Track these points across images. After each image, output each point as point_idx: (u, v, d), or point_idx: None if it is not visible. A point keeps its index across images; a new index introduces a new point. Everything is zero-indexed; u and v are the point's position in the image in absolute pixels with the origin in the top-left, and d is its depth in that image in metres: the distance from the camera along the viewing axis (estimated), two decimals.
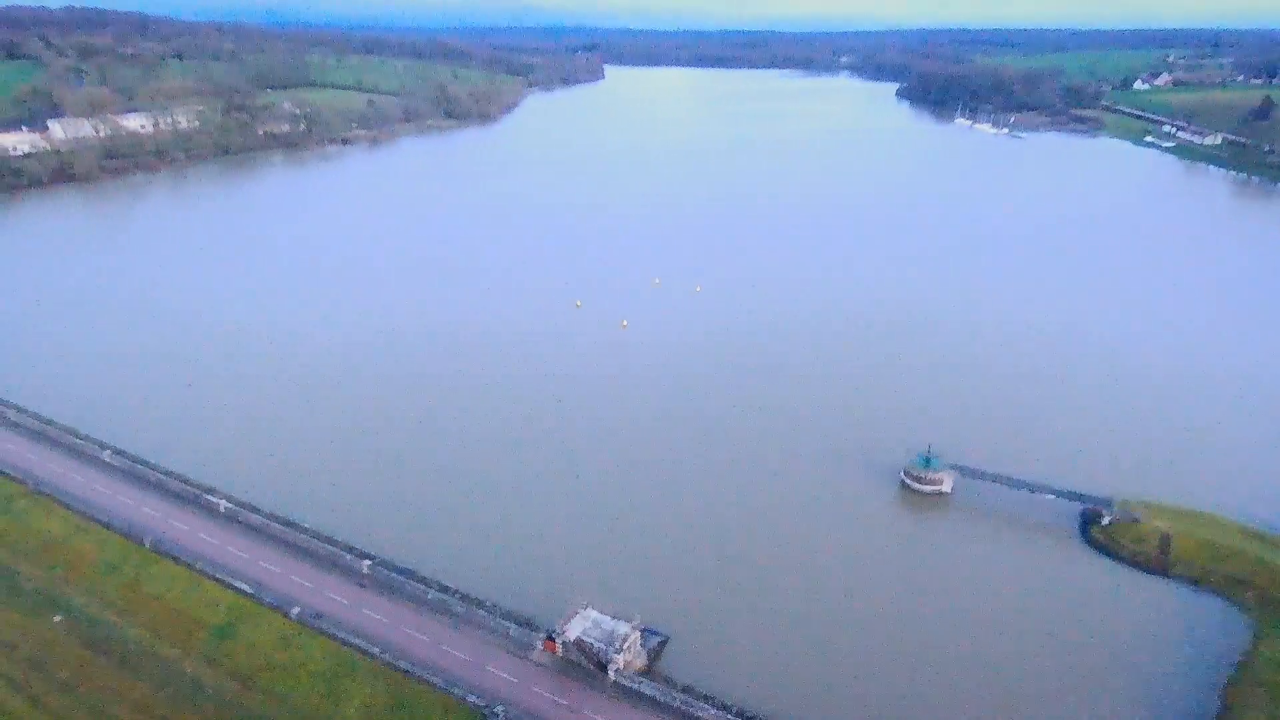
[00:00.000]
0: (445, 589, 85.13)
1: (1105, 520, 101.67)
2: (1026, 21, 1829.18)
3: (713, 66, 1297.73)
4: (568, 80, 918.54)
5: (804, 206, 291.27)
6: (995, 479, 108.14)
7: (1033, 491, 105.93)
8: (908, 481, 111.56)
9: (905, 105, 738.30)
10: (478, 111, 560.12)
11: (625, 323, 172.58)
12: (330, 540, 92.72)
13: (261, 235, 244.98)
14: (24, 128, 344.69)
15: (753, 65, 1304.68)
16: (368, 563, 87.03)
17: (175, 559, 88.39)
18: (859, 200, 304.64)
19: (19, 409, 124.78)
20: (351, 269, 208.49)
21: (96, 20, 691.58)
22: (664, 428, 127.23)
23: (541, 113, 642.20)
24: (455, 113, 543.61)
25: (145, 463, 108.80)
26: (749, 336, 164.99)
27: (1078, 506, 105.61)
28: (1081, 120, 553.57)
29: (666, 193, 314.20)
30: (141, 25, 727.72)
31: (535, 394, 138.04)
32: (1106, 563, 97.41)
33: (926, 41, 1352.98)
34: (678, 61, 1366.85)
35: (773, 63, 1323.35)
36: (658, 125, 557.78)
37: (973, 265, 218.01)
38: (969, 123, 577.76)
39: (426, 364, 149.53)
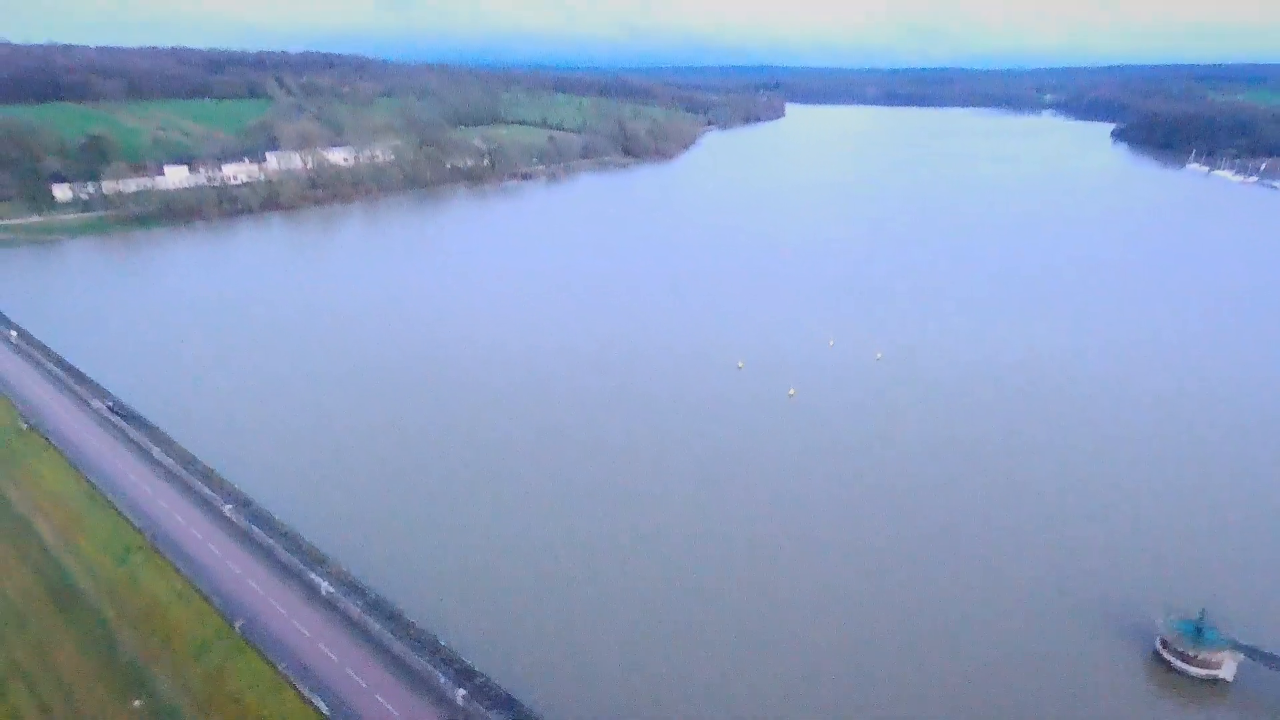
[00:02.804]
0: None
1: None
2: (1276, 55, 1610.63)
3: (901, 104, 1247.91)
4: (748, 118, 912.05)
5: (1007, 260, 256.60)
6: None
7: None
8: (1167, 657, 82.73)
9: (1123, 148, 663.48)
10: (655, 148, 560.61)
11: (793, 391, 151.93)
12: (432, 646, 79.73)
13: (432, 270, 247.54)
14: (246, 159, 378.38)
15: (944, 103, 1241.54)
16: (463, 692, 72.61)
17: (262, 653, 78.50)
18: (1078, 255, 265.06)
19: (169, 442, 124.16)
20: (508, 317, 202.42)
21: (324, 63, 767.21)
22: (833, 539, 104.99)
23: (718, 150, 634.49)
24: (633, 149, 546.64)
25: (263, 518, 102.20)
26: (940, 424, 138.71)
27: None
28: None
29: (843, 238, 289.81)
30: (361, 66, 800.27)
31: (689, 479, 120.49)
32: None
33: (1147, 78, 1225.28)
34: (863, 99, 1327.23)
35: (967, 100, 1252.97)
36: (835, 164, 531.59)
37: (1262, 355, 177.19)
38: (1205, 169, 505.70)
39: (574, 437, 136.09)
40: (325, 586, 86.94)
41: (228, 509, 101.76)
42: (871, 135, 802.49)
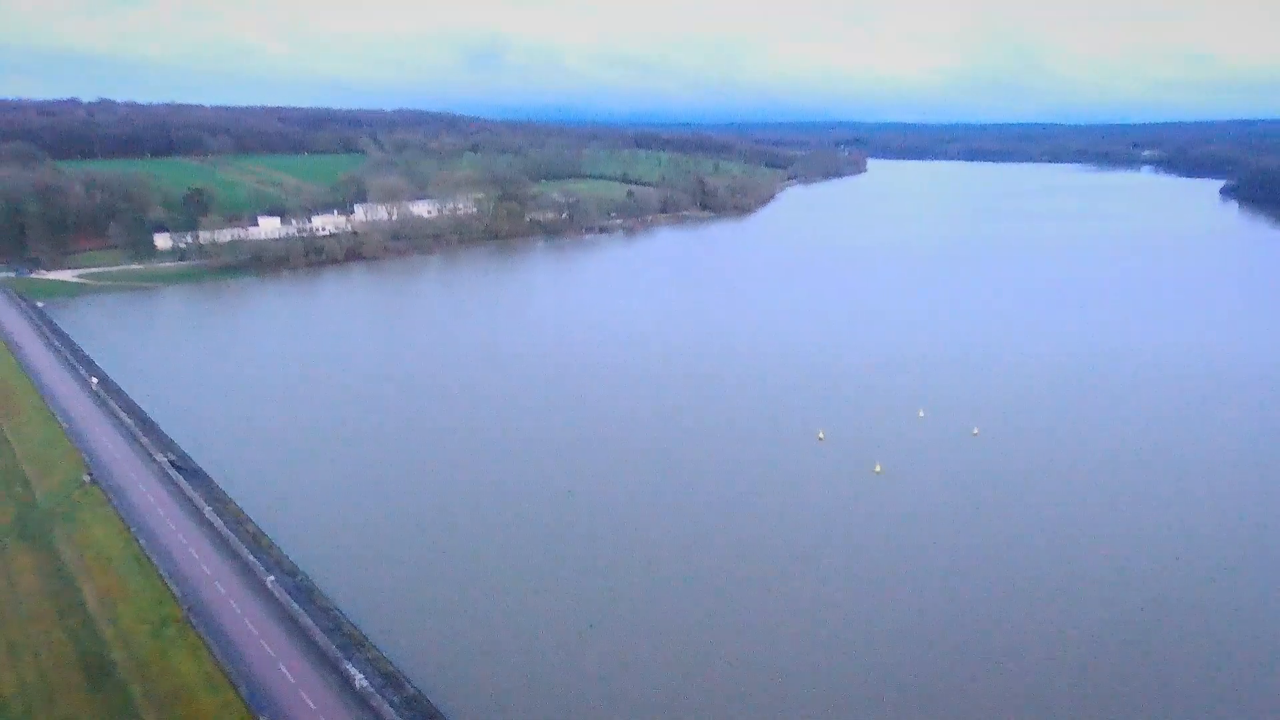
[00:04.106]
0: None
1: None
2: None
3: (988, 160, 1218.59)
4: (828, 173, 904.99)
5: (1125, 328, 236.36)
6: None
7: None
8: None
9: (1233, 206, 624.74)
10: (733, 203, 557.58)
11: (879, 467, 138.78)
12: None
13: (508, 332, 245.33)
14: (335, 211, 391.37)
15: (1033, 159, 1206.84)
16: None
17: None
18: (1212, 325, 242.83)
19: (224, 500, 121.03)
20: (581, 389, 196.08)
21: (415, 120, 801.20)
22: (929, 647, 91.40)
23: (798, 205, 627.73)
24: (710, 204, 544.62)
25: (305, 591, 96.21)
26: (1051, 515, 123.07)
27: None
28: None
29: (931, 295, 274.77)
30: (450, 123, 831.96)
31: (772, 564, 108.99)
32: None
33: (1250, 132, 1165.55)
34: (947, 155, 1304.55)
35: (1057, 156, 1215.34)
36: (920, 220, 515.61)
37: None
38: None
39: (655, 526, 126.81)
40: (360, 679, 79.08)
41: (270, 580, 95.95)
42: (957, 191, 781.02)
